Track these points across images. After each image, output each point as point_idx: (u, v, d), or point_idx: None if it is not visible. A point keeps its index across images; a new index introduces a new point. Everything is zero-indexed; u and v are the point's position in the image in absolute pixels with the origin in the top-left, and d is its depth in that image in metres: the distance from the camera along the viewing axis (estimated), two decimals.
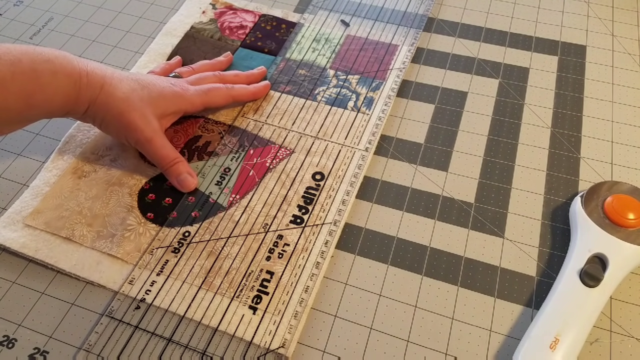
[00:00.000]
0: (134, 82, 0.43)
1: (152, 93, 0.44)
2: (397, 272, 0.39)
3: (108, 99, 0.41)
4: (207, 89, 0.47)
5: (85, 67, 0.41)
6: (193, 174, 0.44)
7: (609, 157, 0.45)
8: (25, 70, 0.37)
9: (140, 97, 0.43)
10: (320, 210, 0.42)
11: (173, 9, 0.59)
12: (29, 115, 0.40)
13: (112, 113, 0.42)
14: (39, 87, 0.38)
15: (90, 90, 0.41)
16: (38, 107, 0.39)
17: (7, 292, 0.38)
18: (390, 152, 0.46)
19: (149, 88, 0.44)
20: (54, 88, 0.39)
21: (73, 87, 0.40)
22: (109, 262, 0.39)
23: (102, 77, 0.42)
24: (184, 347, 0.36)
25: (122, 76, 0.43)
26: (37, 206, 0.42)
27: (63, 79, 0.39)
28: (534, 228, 0.41)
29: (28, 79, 0.38)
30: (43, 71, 0.38)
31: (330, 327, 0.37)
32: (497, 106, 0.49)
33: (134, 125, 0.42)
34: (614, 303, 0.37)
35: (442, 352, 0.35)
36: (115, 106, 0.42)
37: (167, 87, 0.45)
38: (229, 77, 0.50)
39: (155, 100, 0.44)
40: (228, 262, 0.39)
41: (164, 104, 0.44)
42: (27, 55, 0.38)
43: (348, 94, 0.50)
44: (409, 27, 0.56)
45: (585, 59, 0.53)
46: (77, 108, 0.41)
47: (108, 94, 0.41)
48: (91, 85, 0.41)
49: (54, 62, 0.39)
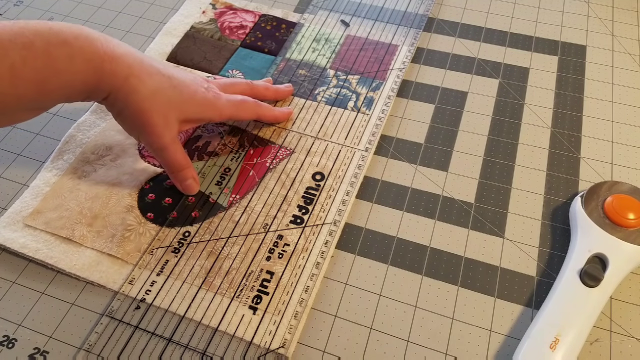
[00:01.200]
0: (165, 80, 0.39)
1: (183, 95, 0.40)
2: (397, 272, 0.39)
3: (131, 93, 0.37)
4: (239, 101, 0.44)
5: (111, 51, 0.36)
6: (197, 179, 0.43)
7: (609, 157, 0.45)
8: (38, 54, 0.34)
9: (168, 98, 0.39)
10: (320, 210, 0.42)
11: (173, 9, 0.59)
12: (44, 102, 0.37)
13: (131, 109, 0.38)
14: (54, 73, 0.35)
15: (113, 79, 0.37)
16: (53, 94, 0.36)
17: (7, 292, 0.38)
18: (390, 152, 0.46)
19: (180, 89, 0.40)
20: (71, 74, 0.35)
21: (93, 73, 0.36)
22: (109, 262, 0.39)
23: (129, 66, 0.37)
24: (184, 347, 0.36)
25: (153, 69, 0.39)
26: (37, 206, 0.42)
27: (81, 64, 0.35)
28: (534, 228, 0.41)
29: (42, 64, 0.34)
30: (59, 55, 0.34)
31: (330, 327, 0.37)
32: (497, 106, 0.49)
33: (152, 129, 0.39)
34: (614, 303, 0.37)
35: (442, 352, 0.35)
36: (136, 103, 0.38)
37: (200, 92, 0.41)
38: (260, 89, 0.47)
39: (184, 103, 0.40)
40: (228, 262, 0.39)
41: (191, 110, 0.41)
42: (41, 36, 0.34)
43: (348, 94, 0.50)
44: (409, 27, 0.56)
45: (585, 59, 0.53)
46: (97, 94, 0.38)
47: (132, 87, 0.37)
48: (115, 73, 0.37)
49: (71, 45, 0.35)
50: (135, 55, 0.38)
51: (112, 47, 0.37)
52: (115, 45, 0.37)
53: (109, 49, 0.36)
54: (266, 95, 0.48)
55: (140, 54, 0.39)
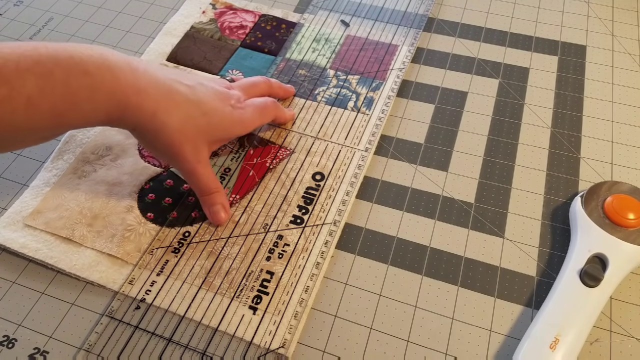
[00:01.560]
0: (193, 107, 0.38)
1: (212, 121, 0.39)
2: (397, 272, 0.39)
3: (160, 129, 0.36)
4: (262, 107, 0.44)
5: (136, 83, 0.34)
6: (227, 208, 0.41)
7: (609, 157, 0.45)
8: (56, 86, 0.31)
9: (197, 127, 0.38)
10: (320, 210, 0.42)
11: (173, 9, 0.59)
12: (60, 131, 0.35)
13: (161, 142, 0.37)
14: (73, 105, 0.32)
15: (139, 113, 0.35)
16: (71, 125, 0.34)
17: (7, 292, 0.38)
18: (390, 152, 0.46)
19: (210, 115, 0.39)
20: (92, 106, 0.33)
21: (116, 106, 0.34)
22: (109, 262, 0.39)
23: (156, 100, 0.35)
24: (184, 347, 0.36)
25: (180, 97, 0.37)
26: (37, 206, 0.42)
27: (103, 98, 0.33)
28: (534, 228, 0.41)
29: (60, 96, 0.32)
30: (79, 87, 0.32)
31: (330, 327, 0.37)
32: (497, 106, 0.49)
33: (182, 157, 0.38)
34: (614, 303, 0.37)
35: (442, 352, 0.35)
36: (167, 138, 0.37)
37: (228, 114, 0.40)
38: (276, 88, 0.48)
39: (212, 129, 0.40)
40: (228, 262, 0.39)
41: (220, 133, 0.41)
42: (60, 65, 0.32)
43: (348, 94, 0.50)
44: (409, 27, 0.56)
45: (585, 59, 0.53)
46: (121, 125, 0.36)
47: (161, 123, 0.36)
48: (141, 108, 0.35)
49: (93, 76, 0.33)
50: (162, 83, 0.36)
51: (137, 77, 0.35)
52: (141, 74, 0.35)
53: (133, 81, 0.34)
54: (278, 94, 0.49)
55: (167, 78, 0.37)
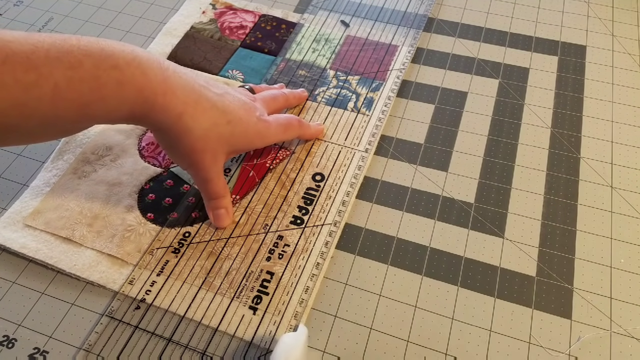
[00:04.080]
0: (219, 115, 0.37)
1: (235, 131, 0.38)
2: (397, 272, 0.39)
3: (183, 133, 0.35)
4: (286, 124, 0.43)
5: (165, 83, 0.34)
6: (231, 212, 0.41)
7: (609, 157, 0.45)
8: (85, 77, 0.31)
9: (220, 135, 0.37)
10: (320, 211, 0.42)
11: (173, 9, 0.59)
12: (82, 125, 0.35)
13: (182, 147, 0.37)
14: (100, 98, 0.32)
15: (164, 113, 0.34)
16: (95, 118, 0.34)
17: (7, 292, 0.38)
18: (390, 153, 0.46)
19: (234, 124, 0.38)
20: (118, 101, 0.33)
21: (142, 104, 0.34)
22: (109, 262, 0.39)
23: (184, 103, 0.35)
24: (184, 347, 0.36)
25: (208, 103, 0.37)
26: (37, 206, 0.42)
27: (131, 94, 0.33)
28: (534, 228, 0.41)
29: (88, 88, 0.32)
30: (107, 80, 0.32)
31: (330, 327, 0.37)
32: (497, 106, 0.49)
33: (201, 165, 0.38)
34: (614, 303, 0.37)
35: (442, 352, 0.35)
36: (189, 143, 0.36)
37: (252, 126, 0.40)
38: (291, 100, 0.48)
39: (234, 139, 0.39)
40: (228, 263, 0.39)
41: (241, 144, 0.40)
42: (91, 57, 0.32)
43: (348, 95, 0.50)
44: (409, 28, 0.56)
45: (585, 59, 0.53)
46: (143, 124, 0.36)
47: (185, 127, 0.35)
48: (167, 109, 0.34)
49: (123, 71, 0.32)
50: (191, 87, 0.36)
51: (167, 77, 0.34)
52: (171, 75, 0.34)
53: (163, 80, 0.34)
54: (293, 103, 0.48)
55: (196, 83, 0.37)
